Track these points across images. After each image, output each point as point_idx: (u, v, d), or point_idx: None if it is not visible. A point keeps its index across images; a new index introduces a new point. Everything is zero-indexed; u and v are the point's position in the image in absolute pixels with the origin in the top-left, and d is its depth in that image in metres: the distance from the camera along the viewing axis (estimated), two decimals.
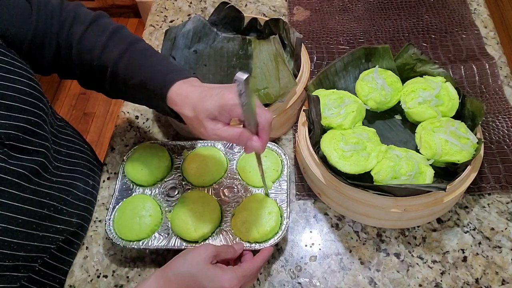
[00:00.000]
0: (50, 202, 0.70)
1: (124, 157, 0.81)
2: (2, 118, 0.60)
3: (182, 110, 0.63)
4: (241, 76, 0.52)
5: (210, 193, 0.77)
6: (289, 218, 0.71)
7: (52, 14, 0.70)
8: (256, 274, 0.68)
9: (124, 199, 0.76)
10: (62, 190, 0.73)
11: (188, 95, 0.62)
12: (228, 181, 0.78)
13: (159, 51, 0.88)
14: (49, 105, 0.73)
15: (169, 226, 0.73)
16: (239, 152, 0.81)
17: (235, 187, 0.77)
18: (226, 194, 0.77)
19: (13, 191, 0.62)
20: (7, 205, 0.61)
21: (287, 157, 0.79)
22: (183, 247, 0.70)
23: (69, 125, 0.86)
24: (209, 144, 0.82)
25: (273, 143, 0.81)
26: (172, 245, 0.71)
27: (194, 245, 0.70)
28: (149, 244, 0.71)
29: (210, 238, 0.71)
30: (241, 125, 0.60)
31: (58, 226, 0.72)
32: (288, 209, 0.72)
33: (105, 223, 0.73)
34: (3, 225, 0.61)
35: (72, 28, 0.70)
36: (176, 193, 0.78)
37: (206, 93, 0.61)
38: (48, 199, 0.69)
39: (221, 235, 0.71)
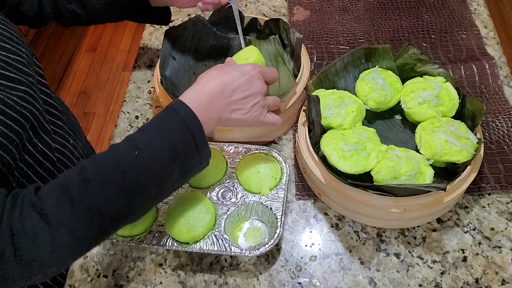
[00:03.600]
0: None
1: None
2: None
3: None
4: None
5: (206, 196, 0.76)
6: (282, 227, 0.71)
7: None
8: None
9: None
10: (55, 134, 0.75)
11: None
12: (225, 184, 0.78)
13: (159, 51, 0.89)
14: (31, 52, 0.74)
15: (163, 225, 0.73)
16: (239, 156, 0.81)
17: (232, 191, 0.77)
18: (222, 197, 0.77)
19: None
20: None
21: (287, 165, 0.78)
22: (173, 247, 0.70)
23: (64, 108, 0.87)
24: (210, 146, 0.82)
25: (274, 150, 0.81)
26: (163, 244, 0.71)
27: (185, 246, 0.70)
28: (141, 242, 0.71)
29: (201, 240, 0.71)
30: None
31: None
32: (283, 218, 0.72)
33: None
34: None
35: None
36: (174, 192, 0.78)
37: None
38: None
39: (213, 238, 0.71)
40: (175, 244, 0.71)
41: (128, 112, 0.96)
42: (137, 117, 0.95)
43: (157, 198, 0.61)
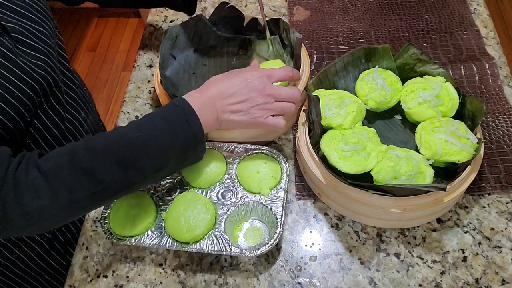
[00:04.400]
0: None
1: None
2: (9, 16, 0.67)
3: None
4: None
5: (206, 196, 0.76)
6: (282, 227, 0.71)
7: None
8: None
9: None
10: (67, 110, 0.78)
11: None
12: (225, 184, 0.78)
13: (159, 51, 0.89)
14: (55, 26, 0.78)
15: (163, 225, 0.73)
16: (239, 156, 0.81)
17: (232, 191, 0.77)
18: (222, 197, 0.77)
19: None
20: None
21: (287, 165, 0.78)
22: (173, 247, 0.70)
23: (80, 80, 0.91)
24: (210, 147, 0.82)
25: (274, 150, 0.81)
26: (163, 244, 0.71)
27: (185, 246, 0.70)
28: (141, 242, 0.71)
29: (201, 240, 0.71)
30: None
31: None
32: (283, 218, 0.72)
33: (101, 217, 0.74)
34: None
35: None
36: (173, 192, 0.78)
37: None
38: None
39: (213, 238, 0.71)
40: (175, 244, 0.71)
41: (128, 112, 0.96)
42: (137, 117, 0.95)
43: (152, 179, 0.67)
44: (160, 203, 0.76)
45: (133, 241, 0.71)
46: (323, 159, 0.73)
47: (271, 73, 0.73)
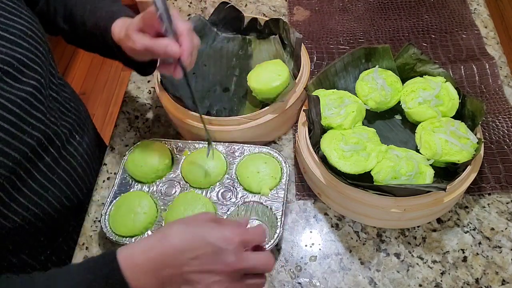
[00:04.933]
0: (38, 136, 0.70)
1: (127, 152, 0.82)
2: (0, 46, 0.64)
3: (119, 37, 0.69)
4: None
5: (207, 196, 0.76)
6: (282, 227, 0.71)
7: None
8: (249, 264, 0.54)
9: (122, 194, 0.77)
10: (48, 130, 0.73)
11: (127, 21, 0.70)
12: (225, 184, 0.78)
13: None
14: (51, 57, 0.76)
15: (163, 225, 0.73)
16: (239, 156, 0.81)
17: (232, 191, 0.77)
18: (222, 197, 0.77)
19: (6, 115, 0.64)
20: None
21: (287, 165, 0.78)
22: None
23: (71, 91, 0.89)
24: (211, 146, 0.82)
25: (274, 150, 0.81)
26: None
27: None
28: None
29: None
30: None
31: None
32: (283, 218, 0.72)
33: (101, 217, 0.74)
34: None
35: None
36: (173, 192, 0.78)
37: (136, 16, 0.69)
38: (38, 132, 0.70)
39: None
40: None
41: (128, 112, 0.96)
42: (137, 117, 0.95)
43: None
44: (160, 203, 0.76)
45: (133, 241, 0.71)
46: (323, 159, 0.73)
47: (246, 239, 0.53)
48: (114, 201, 0.76)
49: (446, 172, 0.74)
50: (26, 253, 0.76)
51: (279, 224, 0.71)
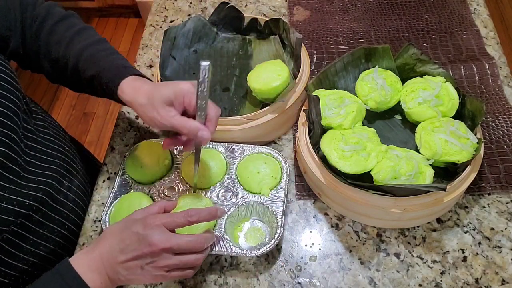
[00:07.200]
0: (21, 200, 0.68)
1: (126, 153, 0.82)
2: None
3: (135, 99, 0.67)
4: (205, 62, 0.59)
5: (207, 196, 0.76)
6: (283, 227, 0.71)
7: (27, 8, 0.74)
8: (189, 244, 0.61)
9: (122, 195, 0.77)
10: (34, 188, 0.71)
11: (142, 86, 0.68)
12: (226, 185, 0.78)
13: (159, 51, 0.89)
14: (24, 102, 0.73)
15: None
16: (239, 156, 0.81)
17: (232, 191, 0.77)
18: (223, 198, 0.77)
19: None
20: None
21: (287, 165, 0.78)
22: None
23: (54, 126, 0.85)
24: (211, 147, 0.82)
25: (274, 150, 0.81)
26: None
27: None
28: None
29: None
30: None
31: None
32: (283, 218, 0.72)
33: (102, 218, 0.74)
34: None
35: (43, 22, 0.74)
36: (173, 193, 0.78)
37: (160, 84, 0.67)
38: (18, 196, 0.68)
39: (215, 238, 0.71)
40: None
41: (128, 112, 0.96)
42: (137, 117, 0.95)
43: None
44: None
45: None
46: (323, 159, 0.73)
47: (168, 221, 0.60)
48: (115, 202, 0.76)
49: (446, 172, 0.75)
50: None
51: (279, 224, 0.71)
